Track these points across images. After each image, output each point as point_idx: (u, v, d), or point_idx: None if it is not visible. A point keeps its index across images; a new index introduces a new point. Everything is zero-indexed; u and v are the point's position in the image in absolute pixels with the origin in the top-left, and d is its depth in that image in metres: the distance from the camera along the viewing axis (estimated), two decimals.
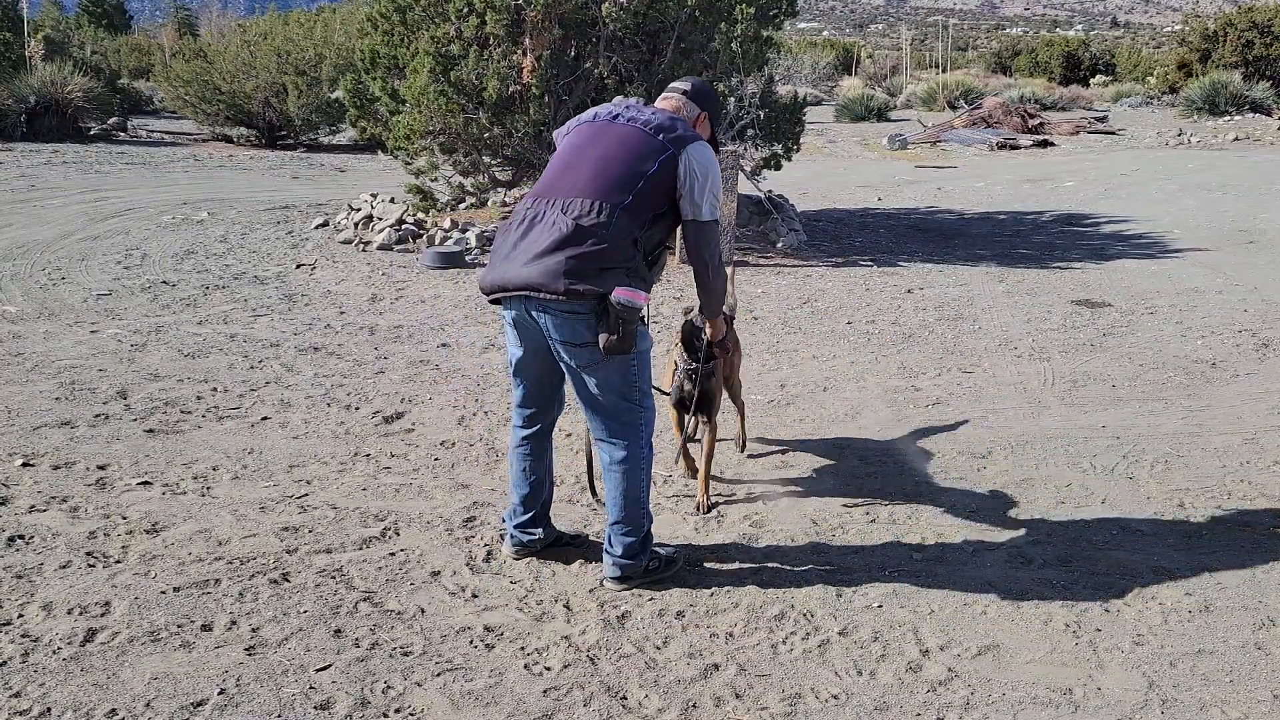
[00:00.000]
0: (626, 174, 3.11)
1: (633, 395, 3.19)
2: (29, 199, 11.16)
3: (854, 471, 4.35)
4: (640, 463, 3.23)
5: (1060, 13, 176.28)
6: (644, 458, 3.24)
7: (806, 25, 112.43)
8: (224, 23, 27.13)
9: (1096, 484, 4.23)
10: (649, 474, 3.30)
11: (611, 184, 3.09)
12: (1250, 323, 7.02)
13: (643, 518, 3.27)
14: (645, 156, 3.13)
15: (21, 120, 17.48)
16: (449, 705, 2.65)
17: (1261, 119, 24.32)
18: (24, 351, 5.73)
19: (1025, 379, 5.71)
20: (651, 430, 3.27)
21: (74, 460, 4.20)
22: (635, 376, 3.19)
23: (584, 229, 3.03)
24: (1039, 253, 9.70)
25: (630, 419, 3.21)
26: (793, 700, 2.70)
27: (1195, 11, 33.59)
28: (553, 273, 3.01)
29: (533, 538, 3.46)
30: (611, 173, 3.12)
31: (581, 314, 3.05)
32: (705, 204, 3.17)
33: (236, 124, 19.65)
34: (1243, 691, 2.79)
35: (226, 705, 2.61)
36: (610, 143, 3.19)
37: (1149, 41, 78.61)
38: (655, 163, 3.12)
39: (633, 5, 8.56)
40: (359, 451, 4.42)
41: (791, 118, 9.86)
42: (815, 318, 7.09)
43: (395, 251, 8.99)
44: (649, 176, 3.11)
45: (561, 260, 3.00)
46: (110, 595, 3.13)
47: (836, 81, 36.10)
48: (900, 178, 15.98)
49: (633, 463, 3.22)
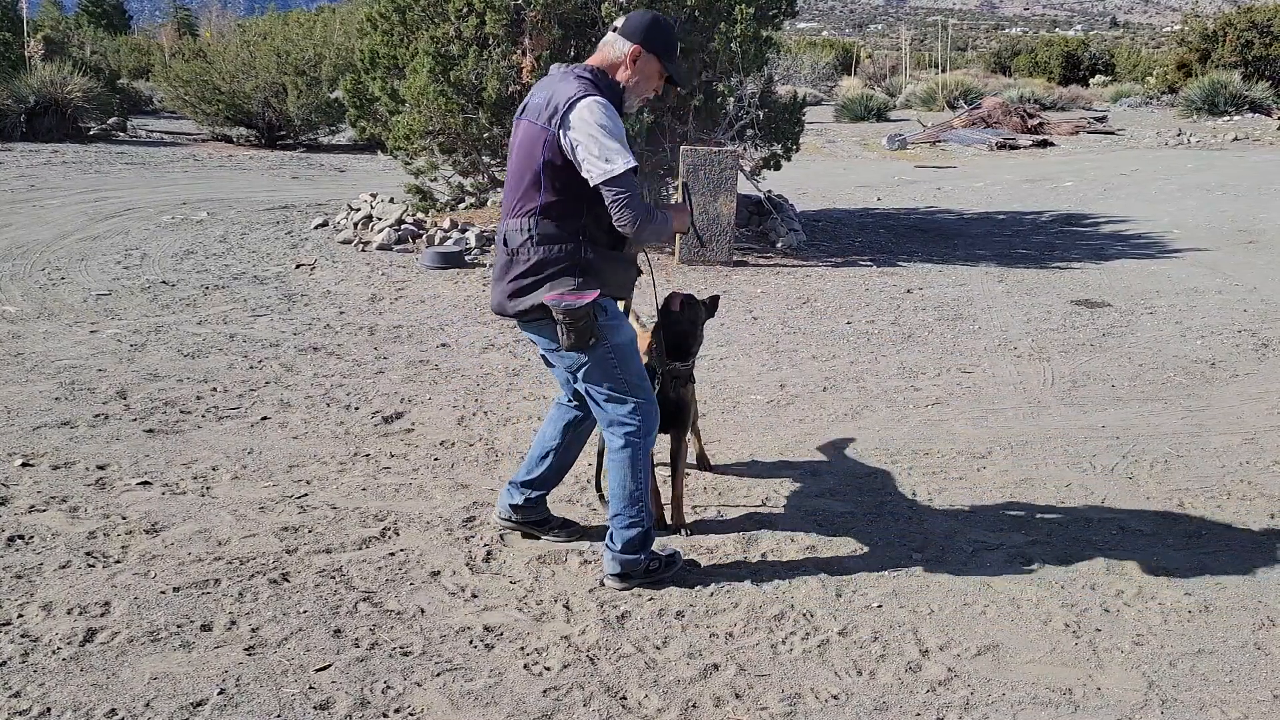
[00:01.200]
0: (530, 178, 3.09)
1: (619, 388, 3.20)
2: (29, 199, 11.15)
3: (854, 471, 4.34)
4: (635, 456, 3.23)
5: (1060, 13, 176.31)
6: (638, 451, 3.24)
7: (806, 25, 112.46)
8: (224, 23, 27.12)
9: (1096, 484, 4.24)
10: (646, 470, 3.29)
11: (521, 195, 3.13)
12: (1250, 322, 7.03)
13: (640, 513, 3.26)
14: (534, 152, 3.07)
15: (21, 120, 17.46)
16: (449, 705, 2.65)
17: (1261, 119, 24.32)
18: (24, 351, 5.73)
19: (1025, 379, 5.71)
20: (650, 425, 3.26)
21: (74, 460, 4.20)
22: (616, 370, 3.19)
23: (515, 251, 3.14)
24: (1038, 253, 9.70)
25: (620, 412, 3.22)
26: (792, 700, 2.70)
27: (1195, 11, 33.55)
28: (504, 297, 3.19)
29: (518, 499, 3.55)
30: (517, 183, 3.15)
31: (544, 321, 3.14)
32: (598, 162, 2.96)
33: (236, 124, 19.64)
34: (1243, 691, 2.79)
35: (226, 705, 2.61)
36: (514, 148, 3.19)
37: (1148, 41, 78.62)
38: (545, 151, 3.03)
39: (632, 5, 8.56)
40: (359, 451, 4.42)
41: (791, 118, 9.86)
42: (815, 318, 7.09)
43: (395, 251, 8.98)
44: (546, 167, 3.05)
45: (506, 286, 3.18)
46: (110, 595, 3.13)
47: (836, 81, 36.07)
48: (900, 178, 15.98)
49: (627, 455, 3.23)
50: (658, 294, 3.67)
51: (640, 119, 8.41)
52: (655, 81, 3.22)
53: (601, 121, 2.97)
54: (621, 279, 3.26)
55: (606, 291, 3.15)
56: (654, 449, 3.42)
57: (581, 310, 3.04)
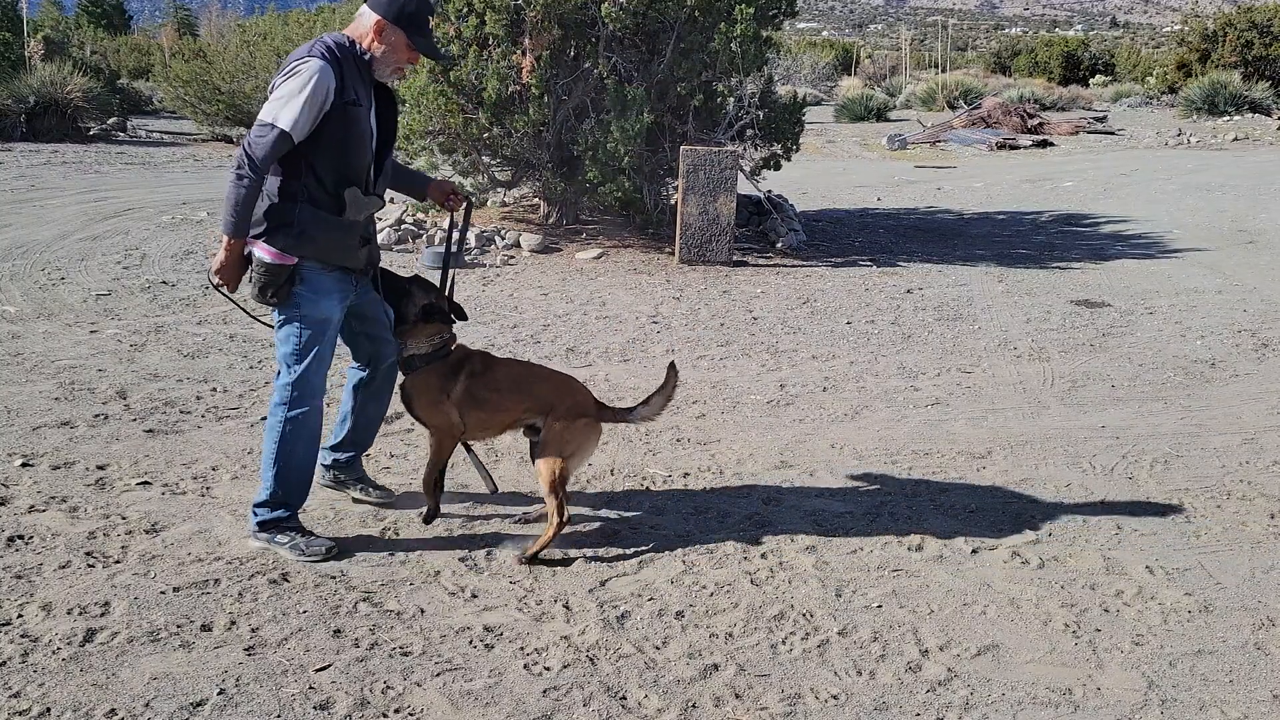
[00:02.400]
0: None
1: (288, 359, 3.36)
2: (28, 199, 11.15)
3: (853, 471, 4.34)
4: (277, 424, 3.36)
5: (1060, 13, 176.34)
6: (280, 420, 3.35)
7: (806, 25, 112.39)
8: (224, 23, 27.11)
9: (1096, 484, 4.24)
10: (286, 442, 3.35)
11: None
12: (1249, 323, 7.03)
13: (273, 478, 3.38)
14: None
15: (21, 120, 17.45)
16: (449, 705, 2.65)
17: (1261, 119, 24.32)
18: (23, 351, 5.73)
19: (1025, 379, 5.71)
20: (300, 405, 3.35)
21: (74, 460, 4.20)
22: (295, 337, 3.34)
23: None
24: (1038, 253, 9.70)
25: (283, 377, 3.38)
26: (792, 700, 2.70)
27: (1195, 11, 33.56)
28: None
29: (327, 460, 3.78)
30: None
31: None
32: (267, 108, 3.14)
33: (236, 124, 19.62)
34: (1243, 691, 2.79)
35: (226, 705, 2.61)
36: None
37: (1148, 41, 78.62)
38: None
39: (632, 5, 8.56)
40: None
41: (791, 118, 9.86)
42: (815, 318, 7.09)
43: (395, 251, 8.98)
44: None
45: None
46: (110, 595, 3.13)
47: (836, 81, 36.08)
48: (900, 178, 15.98)
49: (274, 418, 3.37)
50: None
51: (640, 119, 8.42)
52: (404, 53, 3.32)
53: (294, 78, 3.13)
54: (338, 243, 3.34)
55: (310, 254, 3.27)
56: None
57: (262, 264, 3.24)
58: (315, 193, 3.23)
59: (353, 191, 3.28)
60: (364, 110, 3.27)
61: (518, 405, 3.54)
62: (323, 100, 3.13)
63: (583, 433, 3.47)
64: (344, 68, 3.19)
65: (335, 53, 3.20)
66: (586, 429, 3.49)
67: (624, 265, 8.68)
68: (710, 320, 6.96)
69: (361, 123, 3.26)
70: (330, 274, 3.33)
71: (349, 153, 3.25)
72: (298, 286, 3.27)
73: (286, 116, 3.10)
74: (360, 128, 3.26)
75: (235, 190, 3.13)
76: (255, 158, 3.11)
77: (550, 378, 3.69)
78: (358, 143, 3.26)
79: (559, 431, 3.43)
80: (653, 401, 3.55)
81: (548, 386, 3.59)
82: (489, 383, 3.55)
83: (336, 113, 3.17)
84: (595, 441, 3.55)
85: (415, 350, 3.56)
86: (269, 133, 3.11)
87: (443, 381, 3.54)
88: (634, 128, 8.42)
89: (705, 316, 7.06)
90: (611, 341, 6.37)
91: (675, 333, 6.63)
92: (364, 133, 3.28)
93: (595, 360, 5.97)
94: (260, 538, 3.43)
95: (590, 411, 3.53)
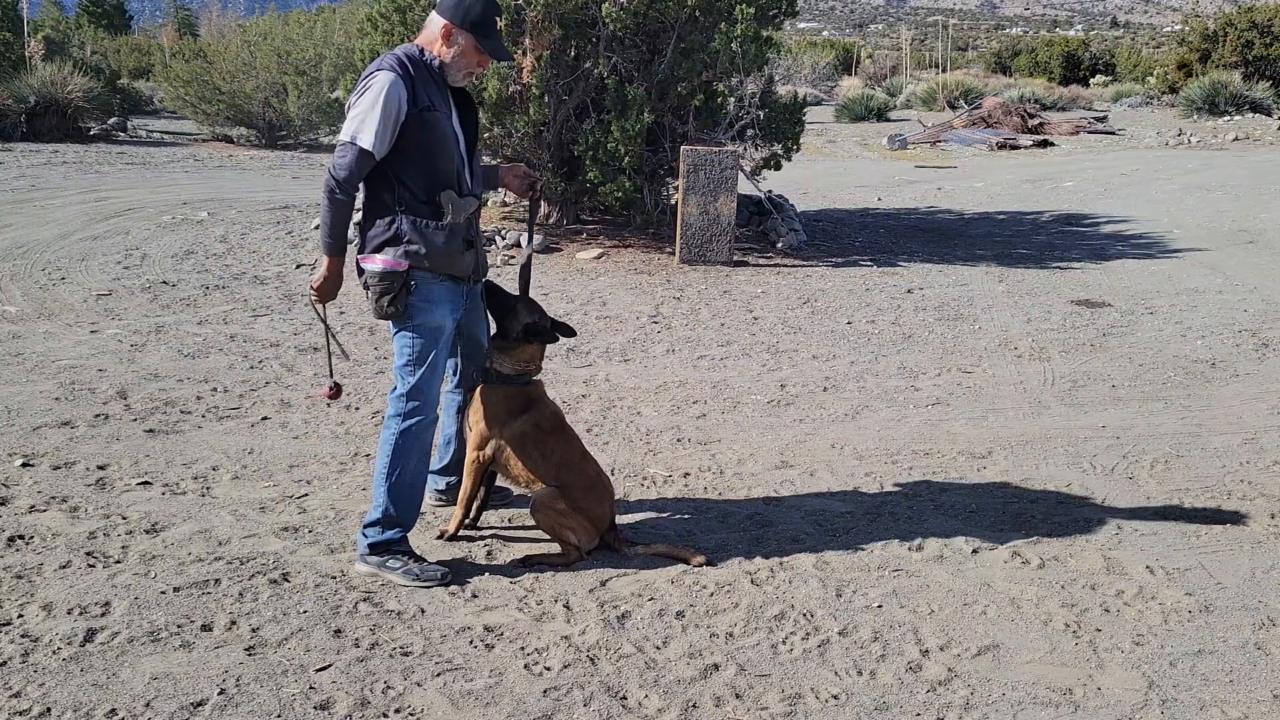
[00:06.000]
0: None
1: (402, 371, 3.34)
2: (29, 199, 11.15)
3: (854, 471, 4.34)
4: (390, 436, 3.32)
5: (1060, 13, 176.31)
6: (394, 432, 3.32)
7: (806, 25, 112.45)
8: (224, 23, 27.13)
9: (1096, 484, 4.24)
10: (400, 455, 3.32)
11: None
12: (1250, 323, 7.03)
13: (385, 493, 3.33)
14: None
15: (21, 120, 17.45)
16: (449, 705, 2.65)
17: (1261, 119, 24.30)
18: (24, 351, 5.73)
19: (1025, 379, 5.71)
20: (415, 416, 3.33)
21: (74, 460, 4.20)
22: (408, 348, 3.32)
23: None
24: (1039, 253, 9.70)
25: (398, 389, 3.36)
26: (793, 700, 2.70)
27: (1195, 11, 33.55)
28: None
29: (441, 486, 3.81)
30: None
31: None
32: (345, 127, 3.20)
33: (236, 124, 19.64)
34: (1243, 691, 2.79)
35: (226, 705, 2.61)
36: None
37: (1149, 41, 78.56)
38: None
39: (633, 5, 8.56)
40: (359, 451, 4.42)
41: (791, 118, 9.86)
42: (815, 318, 7.09)
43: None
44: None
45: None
46: (110, 595, 3.13)
47: (836, 81, 36.08)
48: (900, 178, 15.98)
49: (388, 430, 3.34)
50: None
51: (640, 119, 8.42)
52: (474, 56, 3.32)
53: (371, 91, 3.15)
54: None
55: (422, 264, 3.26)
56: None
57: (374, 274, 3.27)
58: (411, 202, 3.24)
59: (448, 194, 3.28)
60: (442, 115, 3.26)
61: (545, 478, 3.47)
62: (396, 111, 3.15)
63: (587, 532, 3.47)
64: (415, 76, 3.20)
65: (404, 62, 3.21)
66: (590, 531, 3.47)
67: (624, 265, 8.68)
68: (711, 320, 6.96)
69: (442, 127, 3.25)
70: (440, 283, 3.31)
71: (436, 157, 3.25)
72: (410, 296, 3.26)
73: (365, 134, 3.13)
74: (442, 132, 3.25)
75: (328, 211, 3.19)
76: (340, 178, 3.16)
77: (593, 484, 3.54)
78: (442, 147, 3.25)
79: (574, 518, 3.43)
80: (655, 548, 3.53)
81: (582, 484, 3.49)
82: (541, 443, 3.48)
83: (414, 121, 3.18)
84: (591, 543, 3.50)
85: (500, 366, 3.52)
86: (349, 151, 3.15)
87: (508, 414, 3.48)
88: (634, 128, 8.42)
89: (706, 316, 7.06)
90: (612, 341, 6.37)
91: (675, 333, 6.63)
92: (447, 136, 3.27)
93: (595, 360, 5.97)
94: (370, 561, 3.32)
95: (603, 526, 3.51)
